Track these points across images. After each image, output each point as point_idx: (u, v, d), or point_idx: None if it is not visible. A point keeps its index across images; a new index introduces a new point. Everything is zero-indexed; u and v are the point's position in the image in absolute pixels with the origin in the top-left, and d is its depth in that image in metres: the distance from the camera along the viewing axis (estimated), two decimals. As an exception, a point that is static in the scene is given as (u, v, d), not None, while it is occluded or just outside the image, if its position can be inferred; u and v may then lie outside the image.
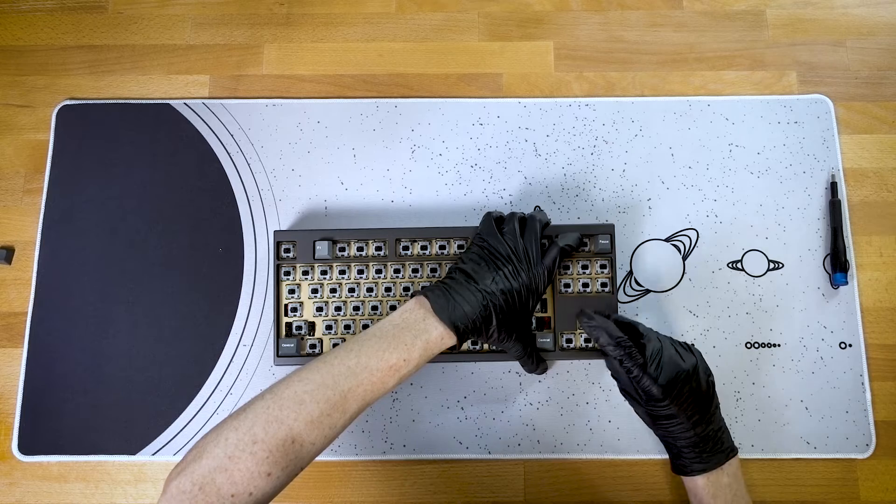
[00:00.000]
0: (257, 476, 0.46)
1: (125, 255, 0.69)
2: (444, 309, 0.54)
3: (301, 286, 0.65)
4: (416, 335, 0.53)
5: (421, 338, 0.53)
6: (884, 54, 0.75)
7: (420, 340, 0.53)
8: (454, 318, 0.54)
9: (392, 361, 0.52)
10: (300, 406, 0.48)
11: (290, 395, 0.49)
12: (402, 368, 0.52)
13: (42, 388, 0.66)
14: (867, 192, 0.71)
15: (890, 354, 0.67)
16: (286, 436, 0.47)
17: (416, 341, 0.53)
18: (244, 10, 0.76)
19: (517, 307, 0.56)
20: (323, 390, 0.49)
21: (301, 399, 0.49)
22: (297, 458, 0.48)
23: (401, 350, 0.52)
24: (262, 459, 0.46)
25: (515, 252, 0.57)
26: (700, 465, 0.57)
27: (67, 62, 0.74)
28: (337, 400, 0.49)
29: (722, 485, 0.57)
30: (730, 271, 0.69)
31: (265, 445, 0.47)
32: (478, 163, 0.71)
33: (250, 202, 0.70)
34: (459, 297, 0.55)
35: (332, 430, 0.50)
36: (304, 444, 0.48)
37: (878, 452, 0.65)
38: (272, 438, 0.47)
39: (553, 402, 0.66)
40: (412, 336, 0.53)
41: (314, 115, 0.72)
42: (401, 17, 0.76)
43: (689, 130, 0.72)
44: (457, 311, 0.54)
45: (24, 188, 0.71)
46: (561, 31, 0.76)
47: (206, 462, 0.46)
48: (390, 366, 0.52)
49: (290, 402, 0.49)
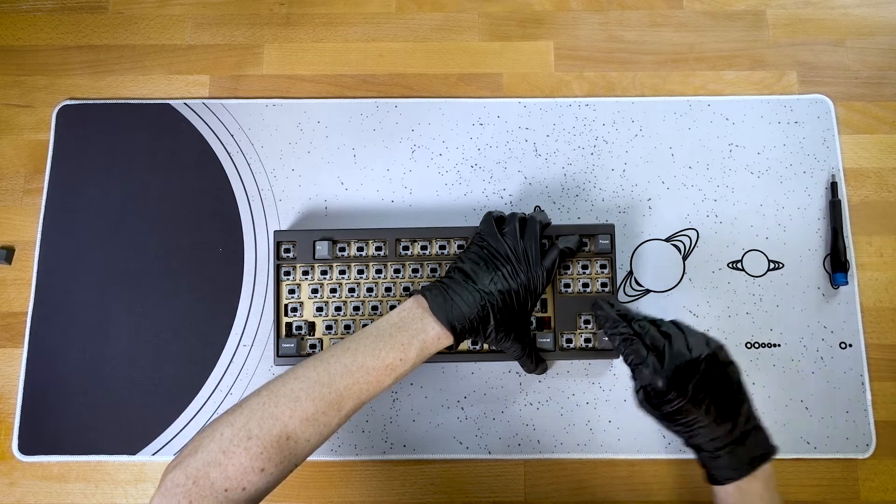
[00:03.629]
0: (251, 471, 0.46)
1: (125, 255, 0.69)
2: (441, 308, 0.54)
3: (301, 286, 0.65)
4: (413, 335, 0.53)
5: (418, 337, 0.53)
6: (884, 54, 0.75)
7: (417, 340, 0.53)
8: (451, 317, 0.54)
9: (388, 361, 0.52)
10: (295, 403, 0.49)
11: (286, 392, 0.49)
12: (398, 368, 0.52)
13: (42, 388, 0.66)
14: (867, 192, 0.71)
15: (890, 354, 0.67)
16: (281, 432, 0.48)
17: (412, 341, 0.53)
18: (244, 10, 0.76)
19: (515, 308, 0.56)
20: (319, 388, 0.50)
21: (297, 396, 0.49)
22: (292, 454, 0.48)
23: (397, 349, 0.52)
24: (256, 455, 0.46)
25: (515, 253, 0.57)
26: (729, 471, 0.51)
27: (67, 62, 0.74)
28: (332, 398, 0.50)
29: (753, 492, 0.51)
30: (730, 271, 0.69)
31: (259, 441, 0.47)
32: (478, 163, 0.71)
33: (250, 202, 0.70)
34: (457, 296, 0.54)
35: (326, 428, 0.50)
36: (298, 441, 0.48)
37: (878, 452, 0.65)
38: (267, 434, 0.47)
39: (553, 402, 0.66)
40: (409, 336, 0.53)
41: (314, 115, 0.72)
42: (401, 17, 0.76)
43: (689, 130, 0.72)
44: (454, 310, 0.54)
45: (24, 188, 0.71)
46: (561, 31, 0.76)
47: (200, 456, 0.46)
48: (386, 365, 0.52)
49: (286, 399, 0.49)
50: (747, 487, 0.51)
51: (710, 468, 0.52)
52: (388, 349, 0.52)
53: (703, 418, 0.51)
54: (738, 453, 0.51)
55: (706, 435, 0.51)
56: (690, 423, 0.51)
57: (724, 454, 0.51)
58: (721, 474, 0.51)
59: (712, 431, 0.51)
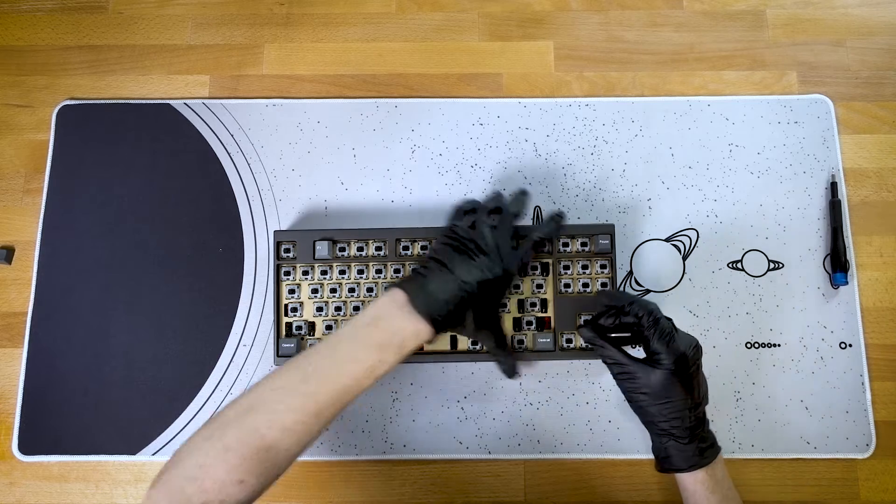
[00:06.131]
0: (229, 484, 0.46)
1: (125, 255, 0.69)
2: (422, 300, 0.53)
3: (301, 286, 0.65)
4: (393, 333, 0.52)
5: (397, 335, 0.52)
6: (884, 54, 0.75)
7: (396, 338, 0.52)
8: (432, 308, 0.52)
9: (368, 363, 0.51)
10: (273, 413, 0.48)
11: (263, 402, 0.49)
12: (377, 369, 0.51)
13: (42, 388, 0.66)
14: (867, 192, 0.71)
15: (890, 354, 0.67)
16: (259, 444, 0.47)
17: (391, 339, 0.52)
18: (244, 10, 0.76)
19: (490, 297, 0.56)
20: (296, 397, 0.49)
21: (274, 407, 0.48)
22: (272, 464, 0.48)
23: (376, 350, 0.51)
24: (234, 467, 0.46)
25: (488, 243, 0.56)
26: (698, 459, 0.55)
27: (67, 62, 0.74)
28: (311, 406, 0.49)
29: (718, 479, 0.56)
30: (730, 271, 0.69)
31: (237, 454, 0.46)
32: (478, 163, 0.71)
33: (250, 202, 0.70)
34: (435, 286, 0.53)
35: (307, 436, 0.49)
36: (278, 451, 0.48)
37: (878, 452, 0.65)
38: (244, 447, 0.46)
39: (553, 402, 0.66)
40: (387, 335, 0.52)
41: (314, 115, 0.72)
42: (401, 17, 0.76)
43: (689, 130, 0.72)
44: (434, 302, 0.53)
45: (24, 188, 0.71)
46: (561, 31, 0.76)
47: (177, 471, 0.46)
48: (366, 367, 0.51)
49: (264, 409, 0.48)
50: (713, 474, 0.56)
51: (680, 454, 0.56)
52: (367, 350, 0.51)
53: (689, 396, 0.55)
54: (700, 437, 0.56)
55: (684, 413, 0.55)
56: (679, 400, 0.55)
57: (694, 441, 0.55)
58: (692, 461, 0.55)
59: (691, 411, 0.55)
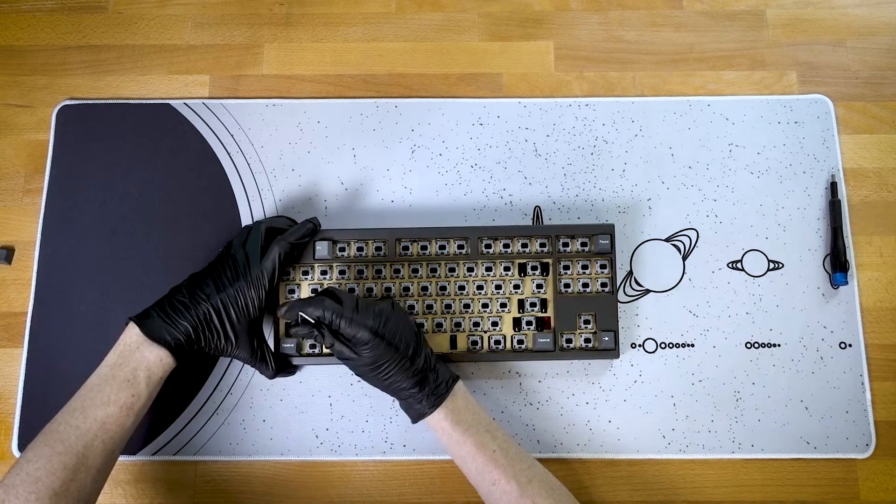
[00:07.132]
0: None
1: (125, 255, 0.69)
2: (152, 330, 0.54)
3: (301, 286, 0.65)
4: (136, 366, 0.54)
5: (141, 367, 0.54)
6: (884, 54, 0.75)
7: (141, 370, 0.54)
8: (163, 336, 0.54)
9: (121, 402, 0.52)
10: (36, 484, 0.48)
11: (24, 478, 0.48)
12: (134, 405, 0.53)
13: (42, 388, 0.66)
14: (867, 192, 0.71)
15: (890, 354, 0.67)
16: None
17: (136, 373, 0.53)
18: (244, 10, 0.76)
19: (238, 311, 0.57)
20: (57, 459, 0.49)
21: (36, 477, 0.48)
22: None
23: (125, 387, 0.53)
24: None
25: (234, 257, 0.58)
26: (433, 399, 0.56)
27: (67, 62, 0.74)
28: (76, 463, 0.49)
29: (459, 409, 0.57)
30: (730, 271, 0.69)
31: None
32: (478, 163, 0.71)
33: (250, 202, 0.70)
34: (174, 312, 0.55)
35: (84, 492, 0.50)
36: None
37: (878, 452, 0.65)
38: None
39: (553, 402, 0.66)
40: (131, 370, 0.53)
41: (314, 115, 0.72)
42: (401, 17, 0.76)
43: (689, 130, 0.72)
44: (166, 329, 0.55)
45: (24, 188, 0.71)
46: (561, 31, 0.76)
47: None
48: (120, 407, 0.52)
49: (24, 485, 0.48)
50: (452, 406, 0.57)
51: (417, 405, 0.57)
52: (116, 391, 0.52)
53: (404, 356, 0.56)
54: (432, 381, 0.57)
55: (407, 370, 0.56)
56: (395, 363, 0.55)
57: (426, 388, 0.56)
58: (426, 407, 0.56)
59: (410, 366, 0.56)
